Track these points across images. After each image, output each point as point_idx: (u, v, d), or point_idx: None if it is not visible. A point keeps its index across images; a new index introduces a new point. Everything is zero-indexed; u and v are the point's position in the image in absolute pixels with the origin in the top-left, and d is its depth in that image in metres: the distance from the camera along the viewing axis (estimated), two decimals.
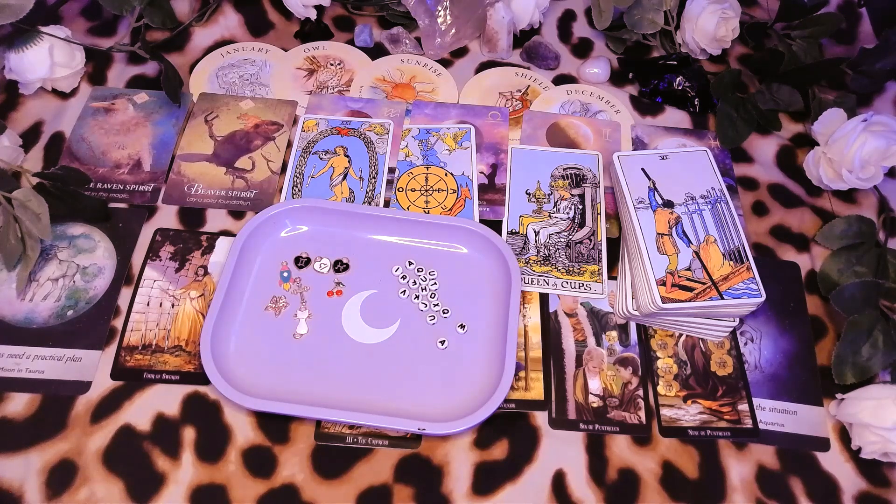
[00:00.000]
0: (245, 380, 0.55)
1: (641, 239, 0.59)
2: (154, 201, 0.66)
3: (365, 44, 0.81)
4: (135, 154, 0.69)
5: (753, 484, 0.55)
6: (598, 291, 0.62)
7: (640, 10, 0.79)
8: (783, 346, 0.62)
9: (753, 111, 0.75)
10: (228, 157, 0.70)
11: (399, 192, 0.68)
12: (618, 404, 0.57)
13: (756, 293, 0.56)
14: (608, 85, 0.79)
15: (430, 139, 0.72)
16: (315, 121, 0.73)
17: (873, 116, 0.67)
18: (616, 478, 0.54)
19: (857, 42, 0.83)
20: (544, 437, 0.56)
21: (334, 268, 0.63)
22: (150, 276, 0.61)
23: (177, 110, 0.73)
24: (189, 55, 0.78)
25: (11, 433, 0.53)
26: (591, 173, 0.70)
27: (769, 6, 0.87)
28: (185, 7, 0.81)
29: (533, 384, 0.58)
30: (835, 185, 0.69)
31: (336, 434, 0.55)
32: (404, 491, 0.53)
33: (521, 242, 0.65)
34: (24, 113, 0.72)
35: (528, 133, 0.74)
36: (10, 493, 0.51)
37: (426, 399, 0.56)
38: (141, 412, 0.55)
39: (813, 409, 0.59)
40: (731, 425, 0.57)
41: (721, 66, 0.81)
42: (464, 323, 0.60)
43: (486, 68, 0.80)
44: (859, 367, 0.58)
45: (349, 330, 0.59)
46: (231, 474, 0.53)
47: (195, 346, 0.58)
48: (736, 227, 0.60)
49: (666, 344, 0.61)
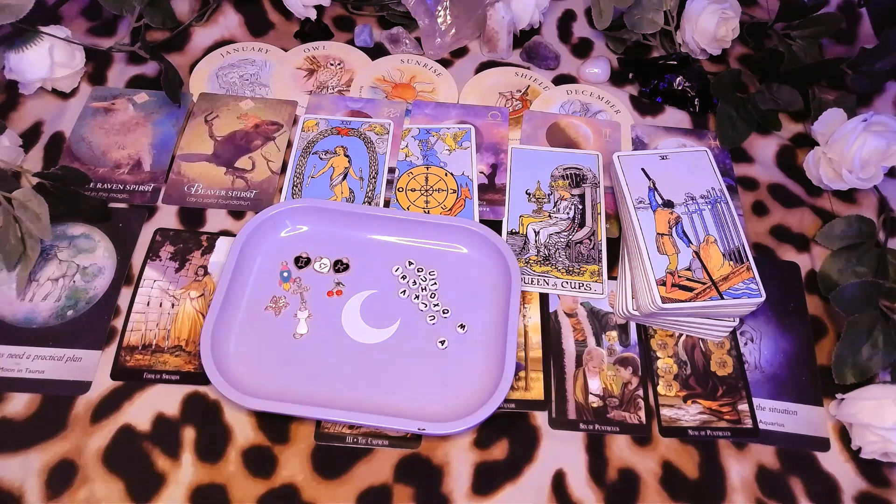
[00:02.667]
0: (245, 380, 0.55)
1: (641, 239, 0.59)
2: (154, 201, 0.66)
3: (365, 44, 0.81)
4: (135, 154, 0.69)
5: (753, 484, 0.55)
6: (598, 291, 0.62)
7: (640, 10, 0.79)
8: (783, 346, 0.61)
9: (753, 111, 0.75)
10: (228, 157, 0.70)
11: (399, 192, 0.68)
12: (618, 404, 0.57)
13: (756, 293, 0.56)
14: (608, 85, 0.79)
15: (430, 139, 0.72)
16: (315, 121, 0.73)
17: (873, 116, 0.67)
18: (616, 478, 0.54)
19: (857, 42, 0.83)
20: (544, 437, 0.56)
21: (334, 268, 0.63)
22: (150, 276, 0.61)
23: (177, 110, 0.73)
24: (189, 55, 0.78)
25: (11, 433, 0.53)
26: (591, 173, 0.70)
27: (769, 6, 0.87)
28: (185, 7, 0.81)
29: (533, 384, 0.58)
30: (835, 185, 0.69)
31: (336, 434, 0.55)
32: (404, 491, 0.53)
33: (521, 242, 0.65)
34: (24, 113, 0.72)
35: (528, 133, 0.74)
36: (10, 493, 0.51)
37: (426, 399, 0.56)
38: (141, 412, 0.55)
39: (813, 409, 0.59)
40: (731, 425, 0.57)
41: (721, 66, 0.81)
42: (464, 323, 0.60)
43: (486, 68, 0.80)
44: (859, 367, 0.58)
45: (349, 330, 0.59)
46: (231, 474, 0.53)
47: (195, 346, 0.58)
48: (736, 227, 0.60)
49: (666, 344, 0.61)
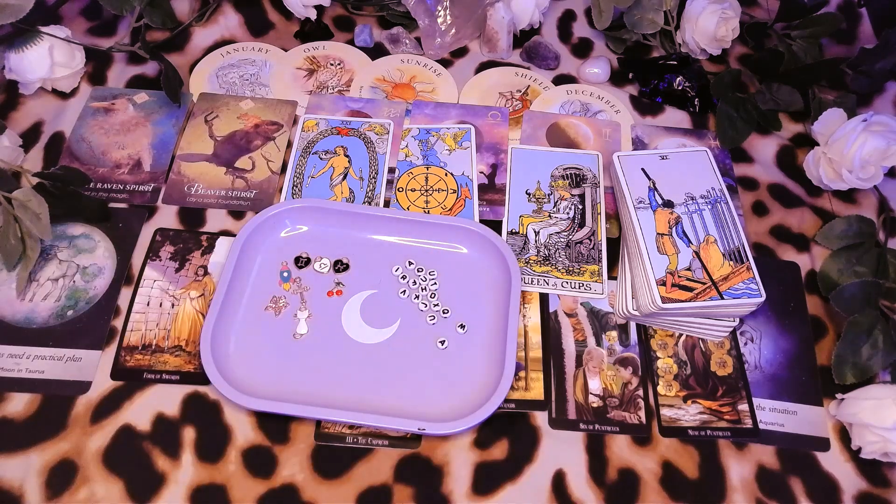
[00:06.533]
0: (245, 380, 0.55)
1: (641, 239, 0.59)
2: (154, 201, 0.66)
3: (365, 44, 0.81)
4: (135, 154, 0.69)
5: (753, 484, 0.55)
6: (598, 291, 0.62)
7: (640, 10, 0.79)
8: (783, 346, 0.61)
9: (753, 111, 0.75)
10: (228, 157, 0.70)
11: (399, 192, 0.68)
12: (618, 404, 0.57)
13: (756, 293, 0.56)
14: (608, 85, 0.79)
15: (430, 139, 0.72)
16: (315, 121, 0.73)
17: (873, 116, 0.67)
18: (616, 478, 0.54)
19: (857, 42, 0.83)
20: (544, 437, 0.56)
21: (334, 268, 0.63)
22: (150, 276, 0.61)
23: (177, 110, 0.73)
24: (189, 55, 0.78)
25: (11, 433, 0.53)
26: (591, 173, 0.70)
27: (769, 6, 0.87)
28: (185, 7, 0.81)
29: (533, 384, 0.58)
30: (835, 185, 0.69)
31: (336, 434, 0.55)
32: (404, 491, 0.53)
33: (521, 242, 0.65)
34: (24, 113, 0.72)
35: (528, 133, 0.74)
36: (10, 493, 0.51)
37: (426, 399, 0.56)
38: (141, 412, 0.55)
39: (813, 409, 0.59)
40: (731, 425, 0.57)
41: (721, 66, 0.81)
42: (464, 323, 0.60)
43: (486, 68, 0.80)
44: (859, 367, 0.58)
45: (349, 330, 0.59)
46: (231, 474, 0.53)
47: (195, 346, 0.58)
48: (736, 227, 0.60)
49: (666, 344, 0.61)
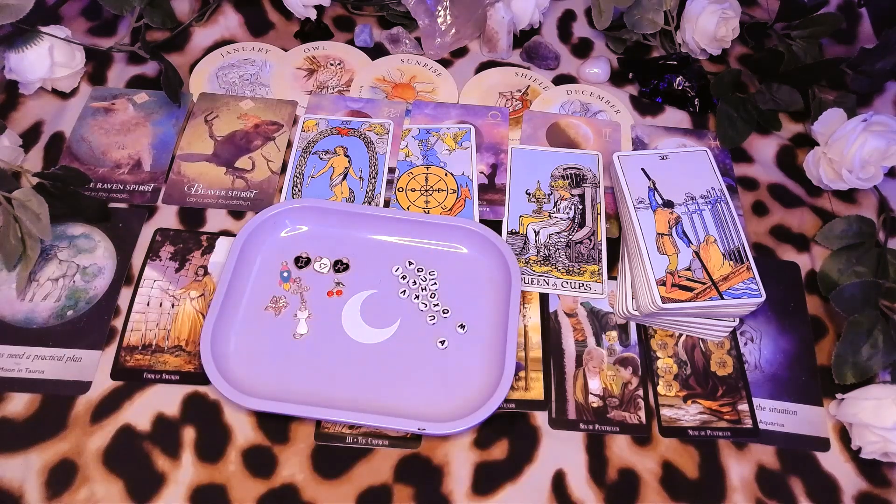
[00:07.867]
0: (245, 380, 0.55)
1: (641, 239, 0.59)
2: (154, 201, 0.66)
3: (365, 44, 0.81)
4: (135, 154, 0.69)
5: (753, 484, 0.55)
6: (598, 291, 0.62)
7: (640, 10, 0.79)
8: (783, 346, 0.61)
9: (753, 111, 0.75)
10: (228, 157, 0.70)
11: (399, 192, 0.68)
12: (618, 404, 0.57)
13: (756, 293, 0.56)
14: (608, 85, 0.79)
15: (430, 139, 0.72)
16: (315, 121, 0.73)
17: (873, 116, 0.67)
18: (616, 478, 0.54)
19: (857, 42, 0.83)
20: (544, 437, 0.56)
21: (334, 268, 0.63)
22: (150, 276, 0.61)
23: (177, 110, 0.73)
24: (189, 55, 0.78)
25: (11, 433, 0.53)
26: (591, 173, 0.70)
27: (769, 6, 0.87)
28: (185, 7, 0.81)
29: (533, 384, 0.58)
30: (835, 185, 0.69)
31: (336, 434, 0.55)
32: (404, 491, 0.53)
33: (521, 242, 0.65)
34: (24, 113, 0.72)
35: (528, 133, 0.74)
36: (10, 493, 0.51)
37: (426, 399, 0.56)
38: (141, 412, 0.55)
39: (813, 409, 0.59)
40: (731, 425, 0.57)
41: (721, 66, 0.81)
42: (464, 323, 0.60)
43: (486, 68, 0.80)
44: (859, 367, 0.58)
45: (349, 330, 0.59)
46: (231, 474, 0.53)
47: (195, 346, 0.58)
48: (736, 227, 0.60)
49: (666, 344, 0.61)
